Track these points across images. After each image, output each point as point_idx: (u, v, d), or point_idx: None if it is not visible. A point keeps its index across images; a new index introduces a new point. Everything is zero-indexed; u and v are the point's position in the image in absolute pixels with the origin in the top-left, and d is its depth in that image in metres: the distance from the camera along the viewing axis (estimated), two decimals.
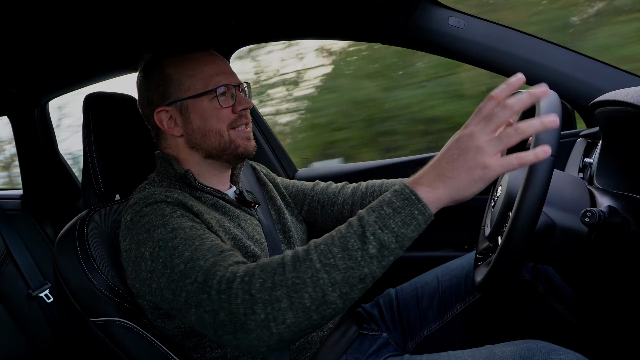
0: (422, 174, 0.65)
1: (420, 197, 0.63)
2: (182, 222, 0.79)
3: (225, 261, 0.71)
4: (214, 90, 0.91)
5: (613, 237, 0.71)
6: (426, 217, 0.63)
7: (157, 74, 0.94)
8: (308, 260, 0.64)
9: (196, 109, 0.92)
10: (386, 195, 0.66)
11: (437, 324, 1.07)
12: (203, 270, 0.70)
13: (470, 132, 0.62)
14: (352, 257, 0.63)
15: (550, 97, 0.74)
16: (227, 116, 0.93)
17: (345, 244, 0.64)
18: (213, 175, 0.98)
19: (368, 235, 0.63)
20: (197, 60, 0.94)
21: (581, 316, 1.00)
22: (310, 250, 0.66)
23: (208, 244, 0.75)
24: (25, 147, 1.93)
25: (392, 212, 0.63)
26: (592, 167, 0.97)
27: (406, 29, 1.20)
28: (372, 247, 0.63)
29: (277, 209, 1.08)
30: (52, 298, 1.77)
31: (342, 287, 0.63)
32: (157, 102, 0.94)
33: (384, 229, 0.63)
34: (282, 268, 0.65)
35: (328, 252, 0.64)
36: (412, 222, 0.63)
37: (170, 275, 0.73)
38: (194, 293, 0.70)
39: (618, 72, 1.11)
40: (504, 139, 0.61)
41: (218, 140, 0.93)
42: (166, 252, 0.75)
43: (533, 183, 0.65)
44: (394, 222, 0.63)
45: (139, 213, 0.82)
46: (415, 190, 0.63)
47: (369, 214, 0.65)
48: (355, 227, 0.64)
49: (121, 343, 0.86)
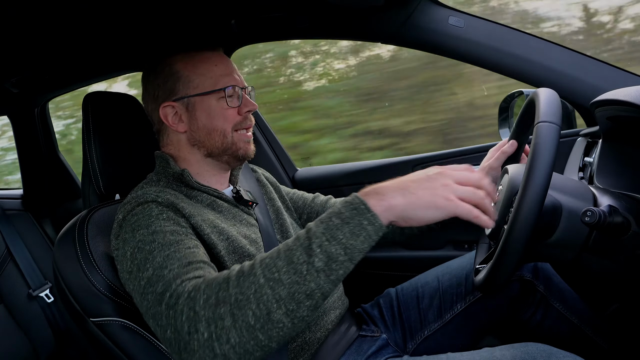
0: (380, 185, 0.65)
1: (369, 206, 0.61)
2: (165, 225, 0.79)
3: (187, 274, 0.70)
4: (223, 89, 0.93)
5: (613, 237, 0.71)
6: (376, 227, 0.61)
7: (166, 70, 0.95)
8: (252, 274, 0.62)
9: (203, 106, 0.93)
10: (337, 205, 0.64)
11: (437, 324, 1.07)
12: (164, 281, 0.69)
13: (441, 170, 0.66)
14: (298, 271, 0.60)
15: (550, 96, 0.74)
16: (233, 117, 0.94)
17: (290, 257, 0.61)
18: (212, 174, 0.98)
19: (314, 248, 0.60)
20: (208, 59, 0.95)
21: (581, 316, 1.00)
22: (256, 264, 0.64)
23: (182, 251, 0.75)
24: (25, 147, 1.93)
25: (341, 222, 0.61)
26: (592, 166, 0.97)
27: (406, 29, 1.20)
28: (319, 260, 0.60)
29: (276, 209, 1.09)
30: (52, 298, 1.78)
31: (287, 304, 0.60)
32: (164, 97, 0.95)
33: (331, 240, 0.60)
34: (226, 283, 0.63)
35: (273, 265, 0.62)
36: (362, 232, 0.61)
37: (140, 280, 0.73)
38: (152, 303, 0.69)
39: (618, 71, 1.11)
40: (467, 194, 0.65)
41: (221, 140, 0.94)
42: (142, 254, 0.75)
43: (533, 181, 0.65)
44: (342, 233, 0.60)
45: (130, 212, 0.83)
46: (366, 200, 0.62)
47: (317, 225, 0.63)
48: (301, 240, 0.62)
49: (121, 343, 0.86)
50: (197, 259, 0.74)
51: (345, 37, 1.34)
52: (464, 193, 0.63)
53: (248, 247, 0.90)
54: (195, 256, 0.75)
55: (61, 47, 1.23)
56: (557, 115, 0.70)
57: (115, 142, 1.06)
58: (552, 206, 0.74)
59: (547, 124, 0.69)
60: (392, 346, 1.04)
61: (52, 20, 1.03)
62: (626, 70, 1.11)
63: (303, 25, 1.25)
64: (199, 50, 0.97)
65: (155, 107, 0.96)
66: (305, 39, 1.38)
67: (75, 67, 1.46)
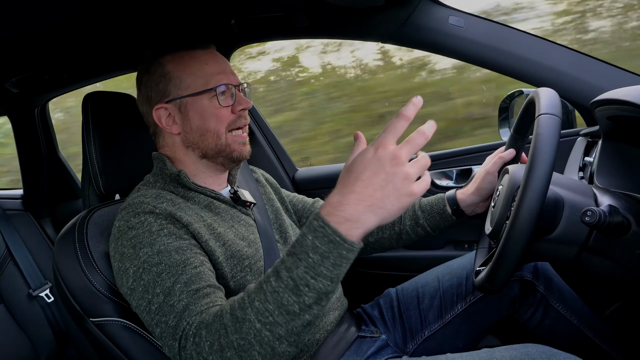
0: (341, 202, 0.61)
1: (344, 236, 0.59)
2: (169, 242, 0.79)
3: (196, 306, 0.72)
4: (214, 89, 0.91)
5: (613, 237, 0.71)
6: (355, 250, 0.61)
7: (158, 71, 0.94)
8: (247, 321, 0.63)
9: (195, 107, 0.92)
10: (306, 236, 0.61)
11: (438, 325, 1.06)
12: (175, 313, 0.71)
13: (394, 153, 0.60)
14: (290, 312, 0.61)
15: (550, 95, 0.74)
16: (226, 116, 0.93)
17: (279, 301, 0.62)
18: (208, 175, 0.97)
19: (302, 289, 0.61)
20: (198, 58, 0.94)
21: (581, 316, 1.00)
22: (246, 306, 0.64)
23: (188, 273, 0.76)
24: (25, 147, 1.93)
25: (320, 258, 0.60)
26: (592, 166, 0.97)
27: (406, 28, 1.20)
28: (309, 298, 0.61)
29: (275, 210, 1.08)
30: (52, 298, 1.78)
31: (288, 338, 0.63)
32: (156, 99, 0.94)
33: (317, 277, 0.60)
34: (224, 330, 0.65)
35: (264, 310, 0.62)
36: (343, 261, 0.61)
37: (149, 304, 0.75)
38: (166, 334, 0.72)
39: (618, 70, 1.11)
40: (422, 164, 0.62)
41: (215, 141, 0.93)
42: (150, 276, 0.76)
43: (536, 171, 0.65)
44: (325, 268, 0.60)
45: (127, 223, 0.82)
46: (338, 229, 0.59)
47: (295, 264, 0.61)
48: (285, 281, 0.62)
49: (121, 343, 0.86)
50: (204, 284, 0.75)
51: (345, 37, 1.34)
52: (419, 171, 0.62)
53: (246, 249, 0.89)
54: (201, 279, 0.76)
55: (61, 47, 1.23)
56: (558, 108, 0.71)
57: (115, 142, 1.06)
58: (554, 201, 0.74)
59: (548, 116, 0.69)
60: (392, 347, 1.04)
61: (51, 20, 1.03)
62: (626, 70, 1.11)
63: (302, 25, 1.25)
64: (189, 49, 0.95)
65: (149, 109, 0.95)
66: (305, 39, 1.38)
67: (75, 67, 1.46)
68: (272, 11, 1.20)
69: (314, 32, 1.32)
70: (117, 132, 1.06)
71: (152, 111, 0.94)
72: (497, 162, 1.02)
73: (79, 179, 1.72)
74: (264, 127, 1.73)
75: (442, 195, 1.08)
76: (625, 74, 1.10)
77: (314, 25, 1.25)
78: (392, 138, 0.62)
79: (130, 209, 0.84)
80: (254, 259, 0.90)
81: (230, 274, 0.86)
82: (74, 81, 1.63)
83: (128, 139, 1.08)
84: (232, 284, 0.86)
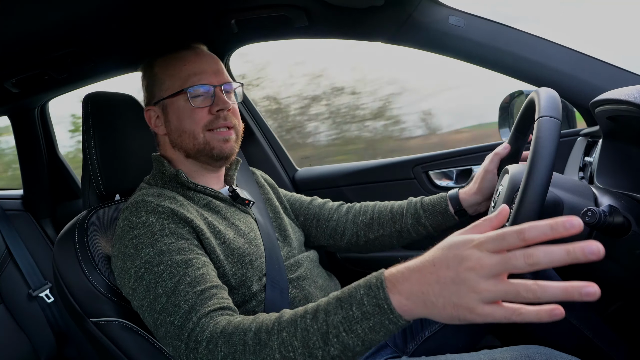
0: (404, 276, 0.56)
1: (393, 307, 0.55)
2: (170, 242, 0.79)
3: (202, 307, 0.71)
4: (186, 90, 0.91)
5: (613, 237, 0.71)
6: (398, 326, 0.56)
7: (148, 74, 0.98)
8: (268, 347, 0.62)
9: (173, 108, 0.94)
10: (359, 288, 0.59)
11: (438, 325, 1.06)
12: (181, 313, 0.71)
13: (477, 261, 0.51)
14: (313, 355, 0.59)
15: (551, 96, 0.74)
16: (202, 117, 0.92)
17: (306, 341, 0.60)
18: (201, 175, 0.99)
19: (331, 338, 0.58)
20: (179, 59, 0.95)
21: (581, 317, 1.00)
22: (273, 333, 0.63)
23: (191, 274, 0.75)
24: (25, 147, 1.93)
25: (361, 316, 0.57)
26: (592, 166, 0.97)
27: (406, 29, 1.20)
28: (334, 349, 0.58)
29: (274, 209, 1.09)
30: (52, 298, 1.78)
31: None
32: (147, 101, 0.98)
33: (349, 332, 0.57)
34: (242, 346, 0.64)
35: (289, 344, 0.61)
36: (382, 330, 0.57)
37: (152, 305, 0.74)
38: (171, 334, 0.71)
39: (618, 70, 1.11)
40: (509, 294, 0.50)
41: (192, 141, 0.93)
42: (151, 276, 0.76)
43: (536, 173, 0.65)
44: (361, 328, 0.57)
45: (129, 223, 0.83)
46: (390, 298, 0.55)
47: (336, 310, 0.59)
48: (319, 323, 0.60)
49: (121, 343, 0.86)
50: (208, 284, 0.75)
51: (345, 37, 1.34)
52: (497, 297, 0.50)
53: (246, 246, 0.90)
54: (205, 280, 0.76)
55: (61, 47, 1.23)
56: (558, 110, 0.71)
57: (115, 142, 1.06)
58: (554, 202, 0.74)
59: (547, 119, 0.69)
60: (391, 347, 1.04)
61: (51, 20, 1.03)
62: (626, 70, 1.11)
63: (302, 25, 1.25)
64: (176, 50, 0.96)
65: (145, 110, 0.99)
66: (305, 39, 1.38)
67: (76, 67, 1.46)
68: (272, 11, 1.20)
69: (314, 32, 1.32)
70: (117, 132, 1.06)
71: (144, 112, 0.98)
72: (493, 159, 1.02)
73: (79, 179, 1.72)
74: (264, 127, 1.73)
75: (445, 195, 1.08)
76: (625, 74, 1.10)
77: (314, 25, 1.25)
78: (492, 246, 0.51)
79: (132, 208, 0.85)
80: (254, 256, 0.91)
81: (232, 271, 0.86)
82: (74, 81, 1.63)
83: (128, 139, 1.08)
84: (233, 280, 0.86)
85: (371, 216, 1.13)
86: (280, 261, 0.96)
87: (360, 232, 1.13)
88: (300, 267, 1.00)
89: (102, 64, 1.47)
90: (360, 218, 1.14)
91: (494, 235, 0.51)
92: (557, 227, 0.47)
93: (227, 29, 1.29)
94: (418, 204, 1.10)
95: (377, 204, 1.17)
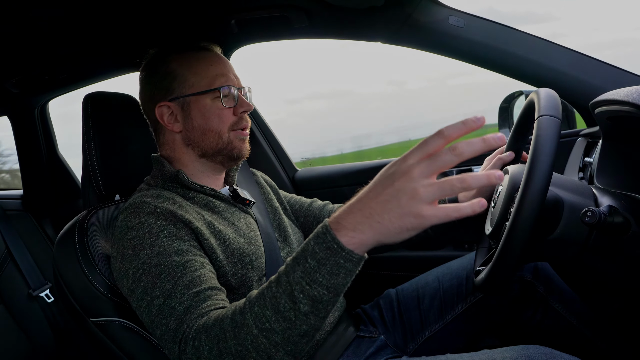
0: (347, 210, 0.58)
1: (342, 244, 0.56)
2: (169, 244, 0.79)
3: (197, 309, 0.71)
4: (218, 89, 0.93)
5: (613, 237, 0.71)
6: (355, 262, 0.58)
7: (162, 69, 0.95)
8: (245, 326, 0.62)
9: (198, 106, 0.93)
10: (309, 241, 0.60)
11: (438, 325, 1.07)
12: (176, 315, 0.71)
13: (408, 168, 0.54)
14: (287, 318, 0.60)
15: (550, 96, 0.74)
16: (228, 117, 0.94)
17: (277, 306, 0.60)
18: (206, 175, 0.98)
19: (296, 295, 0.59)
20: (204, 59, 0.95)
21: (581, 317, 1.00)
22: (246, 311, 0.63)
23: (189, 276, 0.75)
24: (25, 147, 1.93)
25: (317, 264, 0.58)
26: (592, 166, 0.97)
27: (406, 29, 1.20)
28: (304, 305, 0.59)
29: (274, 210, 1.09)
30: (52, 298, 1.78)
31: (285, 347, 0.61)
32: (160, 97, 0.95)
33: (312, 284, 0.58)
34: (223, 335, 0.64)
35: (262, 316, 0.61)
36: (341, 270, 0.58)
37: (149, 306, 0.74)
38: (166, 337, 0.71)
39: (618, 71, 1.11)
40: (445, 189, 0.54)
41: (216, 140, 0.94)
42: (149, 277, 0.76)
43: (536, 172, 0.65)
44: (321, 276, 0.58)
45: (128, 224, 0.82)
46: (337, 236, 0.57)
47: (294, 267, 0.60)
48: (283, 286, 0.60)
49: (121, 343, 0.86)
50: (204, 286, 0.75)
51: (345, 37, 1.34)
52: (435, 194, 0.54)
53: (247, 246, 0.90)
54: (202, 281, 0.76)
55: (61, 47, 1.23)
56: (557, 109, 0.71)
57: (115, 142, 1.06)
58: (554, 201, 0.74)
59: (547, 117, 0.69)
60: (391, 347, 1.04)
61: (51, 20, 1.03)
62: (626, 70, 1.11)
63: (302, 25, 1.25)
64: (196, 50, 0.97)
65: (152, 106, 0.96)
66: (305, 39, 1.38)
67: (75, 67, 1.46)
68: (272, 11, 1.20)
69: (314, 32, 1.32)
70: (117, 132, 1.06)
71: (155, 108, 0.95)
72: (496, 163, 1.02)
73: (79, 179, 1.72)
74: (263, 127, 1.73)
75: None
76: (625, 74, 1.10)
77: (314, 25, 1.25)
78: (418, 154, 0.55)
79: (131, 209, 0.84)
80: (255, 256, 0.91)
81: (232, 271, 0.86)
82: (74, 81, 1.63)
83: (128, 139, 1.08)
84: (233, 281, 0.86)
85: None
86: (280, 261, 0.96)
87: None
88: None
89: (102, 64, 1.47)
90: None
91: (416, 146, 0.56)
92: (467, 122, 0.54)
93: (227, 29, 1.29)
94: None
95: None
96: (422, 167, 0.54)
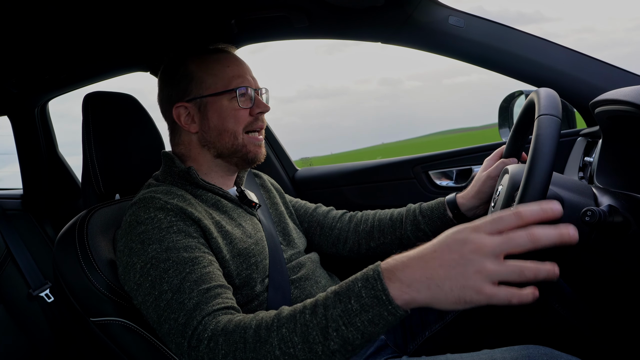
0: (406, 263, 0.56)
1: (392, 297, 0.55)
2: (178, 240, 0.79)
3: (207, 305, 0.71)
4: (235, 90, 0.94)
5: (613, 237, 0.71)
6: (397, 317, 0.56)
7: (180, 71, 0.97)
8: (268, 343, 0.62)
9: (215, 107, 0.95)
10: (357, 281, 0.58)
11: (438, 325, 1.07)
12: (186, 311, 0.71)
13: (480, 240, 0.52)
14: (313, 351, 0.59)
15: (550, 96, 0.74)
16: (244, 118, 0.95)
17: (306, 336, 0.59)
18: (220, 176, 1.00)
19: (330, 332, 0.58)
20: (220, 60, 0.97)
21: (581, 317, 1.00)
22: (273, 329, 0.63)
23: (197, 272, 0.75)
24: (25, 147, 1.93)
25: (359, 308, 0.56)
26: (592, 166, 0.97)
27: (406, 29, 1.20)
28: (335, 344, 0.58)
29: (279, 213, 1.11)
30: (52, 298, 1.78)
31: None
32: (177, 98, 0.96)
33: (348, 326, 0.57)
34: (243, 344, 0.63)
35: (289, 340, 0.61)
36: (381, 322, 0.56)
37: (157, 301, 0.74)
38: (174, 331, 0.71)
39: (618, 70, 1.11)
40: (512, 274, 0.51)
41: (232, 141, 0.95)
42: (157, 272, 0.76)
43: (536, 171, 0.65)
44: (360, 321, 0.56)
45: (137, 218, 0.83)
46: (389, 287, 0.55)
47: (334, 304, 0.59)
48: (318, 318, 0.59)
49: (121, 343, 0.86)
50: (213, 283, 0.75)
51: (345, 37, 1.34)
52: (501, 276, 0.51)
53: (253, 247, 0.91)
54: (211, 279, 0.76)
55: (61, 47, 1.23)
56: (557, 109, 0.71)
57: (115, 142, 1.06)
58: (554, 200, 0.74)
59: (547, 117, 0.69)
60: (392, 347, 1.04)
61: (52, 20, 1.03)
62: (626, 70, 1.11)
63: (303, 25, 1.25)
64: (212, 51, 0.98)
65: (169, 107, 0.97)
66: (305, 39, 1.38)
67: (75, 67, 1.46)
68: (272, 11, 1.20)
69: (314, 32, 1.32)
70: (116, 132, 1.07)
71: (172, 109, 0.96)
72: (499, 166, 1.02)
73: (79, 178, 1.72)
74: None
75: (443, 200, 1.08)
76: (625, 74, 1.11)
77: (314, 25, 1.25)
78: (490, 228, 0.53)
79: (140, 204, 0.85)
80: (260, 257, 0.92)
81: (236, 271, 0.87)
82: (74, 81, 1.63)
83: (128, 139, 1.08)
84: (238, 281, 0.86)
85: (372, 224, 1.15)
86: (282, 263, 0.96)
87: (362, 240, 1.15)
88: (302, 268, 1.01)
89: (102, 64, 1.47)
90: (362, 226, 1.16)
91: (490, 219, 0.53)
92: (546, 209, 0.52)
93: (227, 29, 1.29)
94: (417, 211, 1.11)
95: (377, 212, 1.18)
96: (496, 244, 0.52)
